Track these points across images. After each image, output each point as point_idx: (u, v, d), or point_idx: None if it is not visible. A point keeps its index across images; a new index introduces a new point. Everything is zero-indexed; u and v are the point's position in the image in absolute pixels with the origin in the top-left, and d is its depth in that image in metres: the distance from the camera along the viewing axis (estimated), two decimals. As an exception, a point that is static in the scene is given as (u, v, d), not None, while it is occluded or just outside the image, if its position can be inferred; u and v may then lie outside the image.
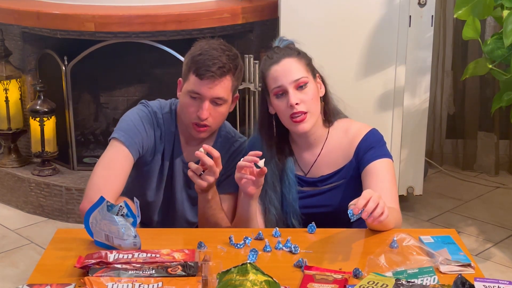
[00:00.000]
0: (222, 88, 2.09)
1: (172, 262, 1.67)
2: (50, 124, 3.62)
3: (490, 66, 3.04)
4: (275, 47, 2.15)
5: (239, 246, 1.85)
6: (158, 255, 1.71)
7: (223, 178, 2.20)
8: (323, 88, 2.14)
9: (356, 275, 1.67)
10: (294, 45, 2.16)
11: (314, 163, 2.16)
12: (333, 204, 2.13)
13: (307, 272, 1.69)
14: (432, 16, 3.33)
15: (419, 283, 1.58)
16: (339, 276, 1.65)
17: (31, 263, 3.06)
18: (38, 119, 3.60)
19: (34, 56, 3.73)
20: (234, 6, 3.52)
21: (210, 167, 2.00)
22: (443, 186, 3.99)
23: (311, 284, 1.62)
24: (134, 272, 1.62)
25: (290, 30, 3.17)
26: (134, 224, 1.80)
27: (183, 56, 2.20)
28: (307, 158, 2.17)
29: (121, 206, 1.80)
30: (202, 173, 2.02)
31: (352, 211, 1.73)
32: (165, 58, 3.53)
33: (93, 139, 3.87)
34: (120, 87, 3.89)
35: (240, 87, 3.30)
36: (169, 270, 1.63)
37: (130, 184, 2.22)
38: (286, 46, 2.12)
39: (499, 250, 3.27)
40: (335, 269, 1.70)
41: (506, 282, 1.60)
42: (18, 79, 3.71)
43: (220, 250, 1.83)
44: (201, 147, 2.02)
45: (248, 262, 1.57)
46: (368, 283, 1.57)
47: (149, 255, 1.71)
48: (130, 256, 1.70)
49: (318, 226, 1.95)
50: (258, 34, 3.67)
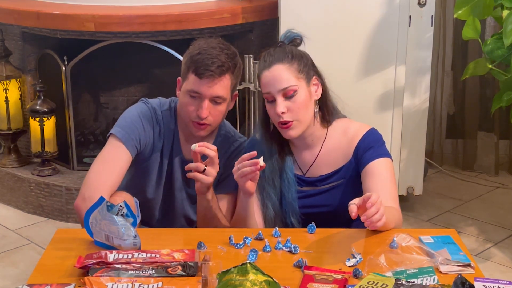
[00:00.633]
0: (222, 87, 2.10)
1: (172, 262, 1.67)
2: (50, 124, 3.62)
3: (490, 66, 3.04)
4: (279, 42, 2.14)
5: (239, 246, 1.85)
6: (158, 255, 1.71)
7: (222, 178, 2.20)
8: (319, 90, 2.11)
9: (356, 275, 1.67)
10: (300, 40, 2.14)
11: (313, 163, 2.16)
12: (332, 204, 2.13)
13: (307, 272, 1.69)
14: (432, 16, 3.33)
15: (419, 283, 1.58)
16: (339, 276, 1.65)
17: (31, 263, 3.06)
18: (38, 119, 3.60)
19: (34, 56, 3.73)
20: (234, 6, 3.52)
21: (212, 158, 2.01)
22: (443, 186, 3.99)
23: (311, 284, 1.62)
24: (134, 272, 1.62)
25: (290, 30, 3.16)
26: (134, 224, 1.80)
27: (183, 56, 2.20)
28: (306, 158, 2.17)
29: (121, 206, 1.80)
30: (205, 168, 2.02)
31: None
32: (165, 58, 3.53)
33: (93, 139, 3.87)
34: (120, 87, 3.89)
35: (240, 87, 3.30)
36: (169, 270, 1.63)
37: (130, 181, 2.23)
38: (281, 51, 2.08)
39: (499, 250, 3.26)
40: (335, 269, 1.70)
41: (506, 282, 1.60)
42: (18, 79, 3.71)
43: (220, 250, 1.83)
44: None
45: (248, 262, 1.57)
46: (368, 283, 1.57)
47: (149, 255, 1.71)
48: (130, 256, 1.70)
49: (318, 226, 1.95)
50: (258, 34, 3.66)
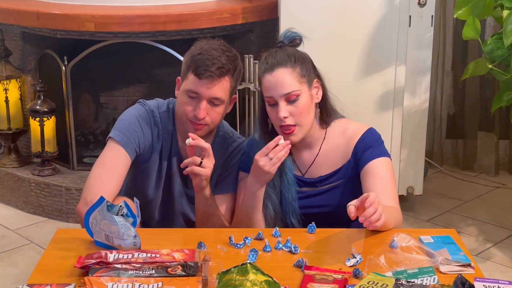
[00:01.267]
0: (220, 89, 2.09)
1: (172, 262, 1.67)
2: (50, 124, 3.62)
3: (490, 66, 3.04)
4: (279, 42, 2.13)
5: (239, 246, 1.85)
6: (158, 255, 1.71)
7: (221, 178, 2.20)
8: (320, 93, 2.11)
9: (356, 275, 1.67)
10: (300, 40, 2.13)
11: (312, 164, 2.16)
12: (332, 204, 2.13)
13: (307, 272, 1.69)
14: (432, 16, 3.33)
15: (419, 283, 1.58)
16: (339, 276, 1.65)
17: (31, 263, 3.06)
18: (38, 119, 3.60)
19: (34, 56, 3.72)
20: (234, 6, 3.52)
21: (208, 149, 2.02)
22: (443, 186, 3.99)
23: (311, 284, 1.62)
24: (134, 272, 1.62)
25: (290, 30, 3.16)
26: (134, 224, 1.80)
27: (183, 56, 2.19)
28: (305, 158, 2.17)
29: (121, 206, 1.80)
30: (202, 161, 2.03)
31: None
32: (165, 58, 3.53)
33: (93, 139, 3.87)
34: (120, 87, 3.89)
35: (240, 87, 3.30)
36: (169, 270, 1.63)
37: (129, 182, 2.23)
38: (283, 53, 2.07)
39: (499, 250, 3.26)
40: (335, 269, 1.70)
41: (506, 282, 1.60)
42: (18, 79, 3.71)
43: (220, 250, 1.83)
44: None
45: (248, 262, 1.57)
46: (368, 283, 1.57)
47: (149, 255, 1.71)
48: (130, 256, 1.70)
49: (318, 226, 1.95)
50: (258, 34, 3.66)
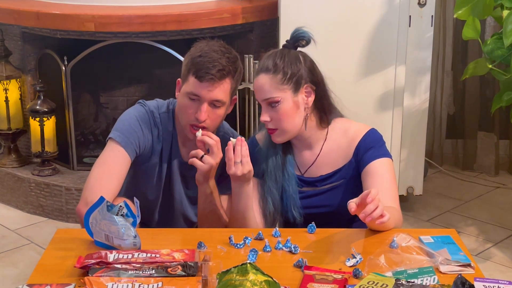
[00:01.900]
0: (221, 91, 2.09)
1: (172, 262, 1.67)
2: (50, 124, 3.62)
3: (490, 66, 3.04)
4: (285, 42, 2.14)
5: (239, 246, 1.85)
6: (158, 255, 1.71)
7: (221, 178, 2.20)
8: (311, 98, 2.08)
9: (356, 275, 1.67)
10: (306, 42, 2.11)
11: (313, 163, 2.16)
12: (333, 204, 2.13)
13: (307, 272, 1.69)
14: (432, 16, 3.33)
15: (419, 283, 1.58)
16: (339, 276, 1.65)
17: (31, 263, 3.06)
18: (38, 119, 3.60)
19: (34, 56, 3.73)
20: (234, 6, 3.52)
21: (212, 146, 2.03)
22: (443, 186, 3.99)
23: (311, 284, 1.62)
24: (134, 272, 1.62)
25: (290, 30, 3.12)
26: (134, 224, 1.80)
27: (183, 56, 2.19)
28: (306, 157, 2.17)
29: (121, 206, 1.80)
30: (204, 155, 2.04)
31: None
32: (165, 58, 3.53)
33: (93, 139, 3.87)
34: (120, 87, 3.89)
35: (240, 87, 3.30)
36: (169, 270, 1.63)
37: (129, 183, 2.23)
38: (270, 58, 2.07)
39: (499, 250, 3.26)
40: (335, 269, 1.70)
41: (506, 282, 1.60)
42: (18, 79, 3.71)
43: (220, 250, 1.83)
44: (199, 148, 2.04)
45: (248, 262, 1.56)
46: (368, 283, 1.57)
47: (149, 255, 1.71)
48: (130, 256, 1.70)
49: (318, 226, 1.95)
50: (258, 34, 3.66)
